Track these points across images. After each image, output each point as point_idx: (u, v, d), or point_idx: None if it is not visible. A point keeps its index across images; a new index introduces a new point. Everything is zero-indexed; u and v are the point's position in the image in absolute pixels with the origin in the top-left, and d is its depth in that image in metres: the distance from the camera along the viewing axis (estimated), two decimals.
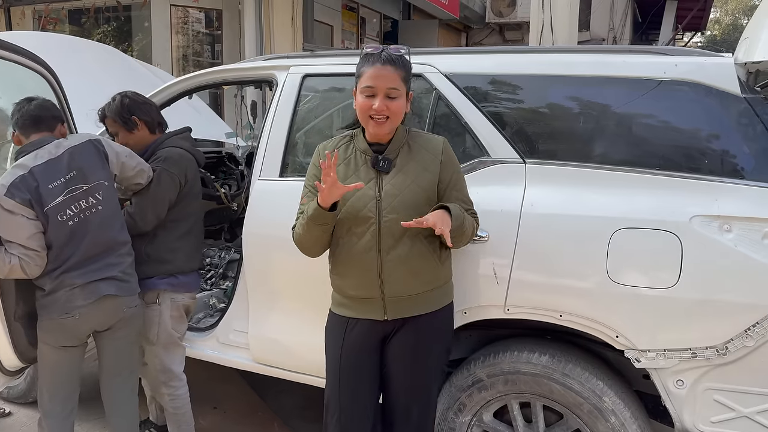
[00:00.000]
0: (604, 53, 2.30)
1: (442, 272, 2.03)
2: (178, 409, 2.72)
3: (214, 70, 3.07)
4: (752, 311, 1.92)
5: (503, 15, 13.01)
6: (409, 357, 2.03)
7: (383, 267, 1.92)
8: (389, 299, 1.95)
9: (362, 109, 1.91)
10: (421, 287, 1.97)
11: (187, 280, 2.69)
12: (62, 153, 2.33)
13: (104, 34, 9.03)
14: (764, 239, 1.93)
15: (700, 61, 2.14)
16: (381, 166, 1.94)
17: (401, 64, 1.91)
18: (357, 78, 1.93)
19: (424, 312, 1.99)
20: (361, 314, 2.00)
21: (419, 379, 2.07)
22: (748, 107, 2.04)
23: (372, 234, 1.92)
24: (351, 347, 2.03)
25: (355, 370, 2.04)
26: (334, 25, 10.29)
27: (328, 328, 2.11)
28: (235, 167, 4.16)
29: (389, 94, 1.87)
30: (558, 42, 4.97)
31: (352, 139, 2.03)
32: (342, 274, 2.01)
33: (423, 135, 2.05)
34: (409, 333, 2.00)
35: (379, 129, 1.91)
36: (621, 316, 2.03)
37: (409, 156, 1.97)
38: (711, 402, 2.03)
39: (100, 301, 2.32)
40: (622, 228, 2.03)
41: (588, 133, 2.20)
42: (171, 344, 2.69)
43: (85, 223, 2.32)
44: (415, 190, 1.93)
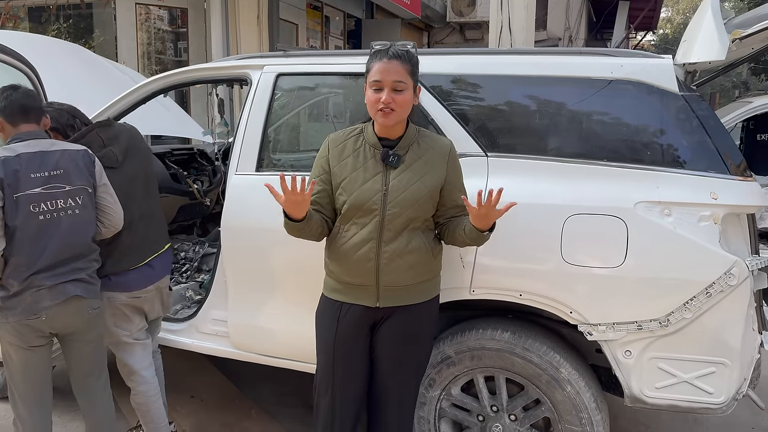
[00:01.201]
0: (557, 55, 2.50)
1: (434, 266, 2.15)
2: (139, 405, 2.75)
3: (189, 69, 3.18)
4: (690, 286, 2.15)
5: (463, 15, 13.28)
6: (397, 344, 2.14)
7: (380, 258, 2.02)
8: (383, 288, 2.05)
9: (371, 103, 1.98)
10: (413, 279, 2.08)
11: (121, 280, 2.62)
12: (55, 150, 2.36)
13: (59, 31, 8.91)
14: (700, 222, 2.16)
15: (643, 62, 2.36)
16: (390, 161, 2.01)
17: (407, 58, 1.99)
18: (366, 73, 2.02)
19: (414, 302, 2.11)
20: (354, 299, 2.09)
21: (404, 366, 2.19)
22: (685, 104, 2.27)
23: (374, 225, 2.01)
24: (344, 330, 2.12)
25: (348, 353, 2.13)
26: (299, 23, 10.38)
27: (321, 311, 2.20)
28: (207, 164, 4.26)
29: (396, 87, 1.95)
30: (516, 42, 5.21)
31: (361, 132, 2.10)
32: (340, 261, 2.08)
33: (432, 135, 2.15)
34: (398, 321, 2.11)
35: (386, 120, 1.97)
36: (574, 293, 2.25)
37: (417, 154, 2.05)
38: (655, 370, 2.25)
39: (67, 302, 2.32)
40: (574, 214, 2.23)
41: (543, 129, 2.40)
42: (117, 342, 2.70)
43: (57, 222, 2.31)
44: (420, 187, 2.02)
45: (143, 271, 2.67)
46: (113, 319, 2.65)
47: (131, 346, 2.72)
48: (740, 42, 2.32)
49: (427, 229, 2.10)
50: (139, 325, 2.75)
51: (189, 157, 4.28)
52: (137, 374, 2.73)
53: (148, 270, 2.68)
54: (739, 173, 2.22)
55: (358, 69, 2.71)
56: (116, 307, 2.64)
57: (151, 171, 2.79)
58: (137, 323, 2.73)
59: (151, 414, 2.76)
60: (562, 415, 2.33)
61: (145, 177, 2.73)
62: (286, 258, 2.65)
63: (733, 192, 2.18)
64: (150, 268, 2.69)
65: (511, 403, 2.44)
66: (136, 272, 2.65)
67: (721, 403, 2.23)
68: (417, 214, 2.00)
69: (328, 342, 2.15)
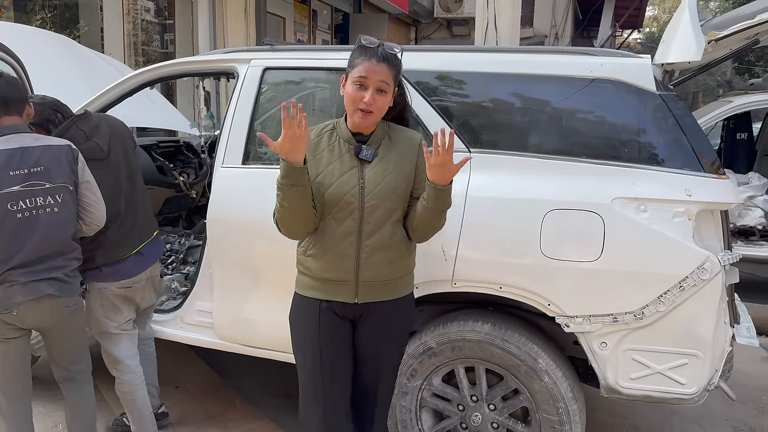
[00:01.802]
0: (539, 53, 2.56)
1: (410, 261, 2.15)
2: (125, 395, 2.77)
3: (175, 62, 3.20)
4: (664, 280, 2.22)
5: (451, 11, 13.34)
6: (378, 340, 2.12)
7: (361, 252, 1.99)
8: (362, 283, 2.02)
9: (352, 99, 1.95)
10: (392, 274, 2.06)
11: (111, 270, 2.64)
12: (37, 146, 2.32)
13: (44, 21, 8.83)
14: (674, 218, 2.23)
15: (622, 61, 2.42)
16: (365, 155, 2.00)
17: (395, 63, 1.98)
18: (350, 67, 1.97)
19: (392, 298, 2.09)
20: (332, 296, 2.05)
21: (385, 362, 2.18)
22: (662, 103, 2.33)
23: (353, 219, 1.98)
24: (327, 328, 2.07)
25: (334, 351, 2.08)
26: (287, 17, 10.35)
27: (297, 311, 2.14)
28: (193, 156, 4.28)
29: (380, 87, 1.93)
30: (501, 39, 5.26)
31: (335, 128, 2.08)
32: (317, 257, 2.03)
33: (402, 129, 2.13)
34: (377, 317, 2.08)
35: (363, 121, 1.96)
36: (552, 286, 2.31)
37: (390, 146, 2.05)
38: (630, 361, 2.32)
39: (40, 300, 2.30)
40: (553, 209, 2.29)
41: (525, 126, 2.46)
42: (103, 332, 2.71)
43: (35, 220, 2.29)
44: (395, 177, 2.01)
45: (135, 260, 2.69)
46: (102, 309, 2.67)
47: (118, 336, 2.74)
48: (716, 43, 2.38)
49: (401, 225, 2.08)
50: (128, 317, 2.77)
51: (175, 150, 4.29)
52: (122, 363, 2.75)
53: (139, 258, 2.71)
54: (713, 171, 2.28)
55: (344, 64, 2.75)
56: (106, 298, 2.66)
57: (133, 157, 2.78)
58: (126, 314, 2.75)
59: (136, 403, 2.79)
60: (540, 405, 2.40)
61: (128, 165, 2.73)
62: (270, 250, 2.68)
63: (707, 189, 2.25)
64: (141, 256, 2.72)
65: (490, 393, 2.50)
66: (128, 261, 2.67)
67: (692, 393, 2.31)
68: (396, 204, 2.01)
69: (312, 341, 2.08)
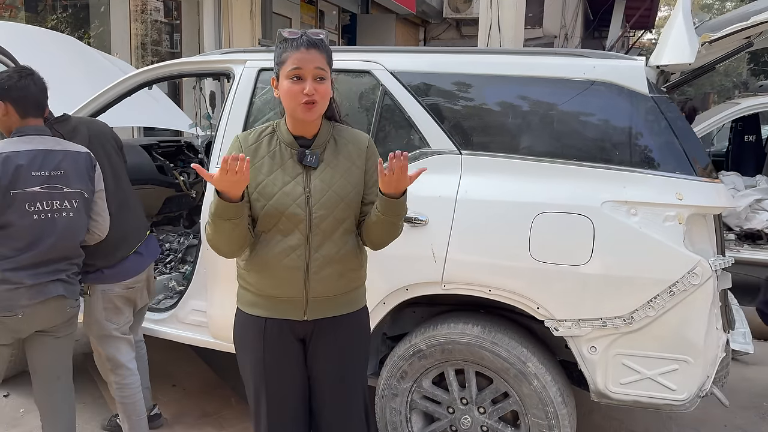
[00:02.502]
0: (532, 55, 2.54)
1: (362, 273, 2.00)
2: (126, 398, 2.77)
3: (173, 63, 3.21)
4: (654, 285, 2.20)
5: (460, 11, 13.31)
6: (333, 358, 1.96)
7: (310, 266, 1.84)
8: (312, 299, 1.87)
9: (290, 95, 1.77)
10: (343, 288, 1.92)
11: (114, 272, 2.64)
12: (59, 150, 2.36)
13: (59, 20, 8.92)
14: (665, 222, 2.21)
15: (615, 63, 2.41)
16: (309, 161, 1.83)
17: (323, 47, 1.82)
18: (279, 65, 1.81)
19: (343, 313, 1.94)
20: (278, 314, 1.89)
21: (347, 382, 2.00)
22: (654, 105, 2.32)
23: (301, 231, 1.83)
24: (274, 350, 1.91)
25: (282, 372, 1.93)
26: (293, 18, 10.39)
27: (241, 330, 1.97)
28: (194, 156, 4.30)
29: (318, 75, 1.78)
30: (505, 40, 5.24)
31: (274, 131, 1.90)
32: (262, 272, 1.87)
33: (347, 129, 1.97)
34: (329, 334, 1.93)
35: (308, 115, 1.78)
36: (541, 290, 2.29)
37: (335, 150, 1.90)
38: (620, 366, 2.30)
39: (46, 301, 2.30)
40: (543, 212, 2.28)
41: (516, 128, 2.45)
42: (105, 335, 2.71)
43: (51, 223, 2.29)
44: (344, 184, 1.86)
45: (134, 260, 2.71)
46: (105, 312, 2.68)
47: (119, 340, 2.75)
48: (710, 45, 2.36)
49: (356, 233, 1.94)
50: (128, 319, 2.78)
51: (176, 149, 4.32)
52: (124, 367, 2.76)
53: (138, 258, 2.73)
54: (705, 174, 2.26)
55: (339, 66, 2.75)
56: (109, 300, 2.66)
57: (116, 159, 2.76)
58: (126, 316, 2.77)
59: (136, 406, 2.79)
60: (529, 409, 2.39)
61: (112, 167, 2.71)
62: None
63: (699, 193, 2.23)
64: (140, 255, 2.74)
65: (480, 396, 2.49)
66: (128, 261, 2.68)
67: (683, 399, 2.28)
68: (346, 213, 1.86)
69: (256, 364, 1.92)
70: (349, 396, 2.00)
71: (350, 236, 1.90)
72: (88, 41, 8.22)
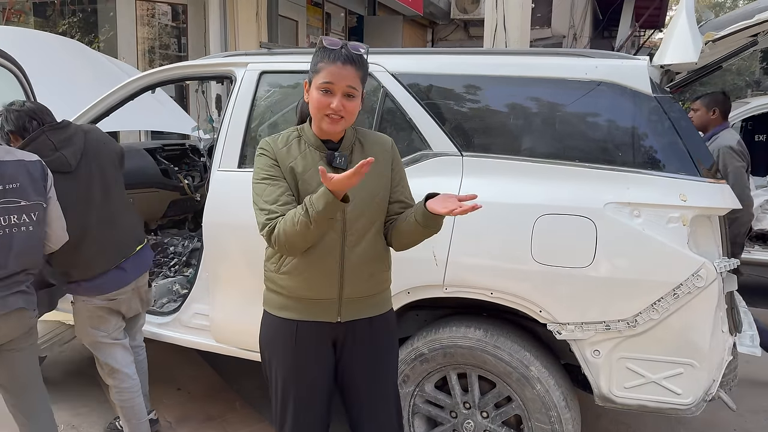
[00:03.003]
0: (533, 56, 2.52)
1: (388, 275, 2.02)
2: (124, 402, 2.76)
3: (175, 66, 3.21)
4: (658, 287, 2.16)
5: (468, 12, 13.26)
6: (368, 359, 1.97)
7: (345, 266, 1.86)
8: (345, 300, 1.89)
9: (318, 106, 1.79)
10: (373, 289, 1.94)
11: (91, 285, 2.60)
12: (10, 161, 2.25)
13: (70, 25, 9.00)
14: (668, 224, 2.18)
15: (617, 63, 2.37)
16: (339, 163, 1.86)
17: (361, 64, 1.83)
18: (313, 72, 1.82)
19: (375, 314, 1.96)
20: (311, 316, 1.89)
21: (380, 380, 2.02)
22: (657, 105, 2.28)
23: (335, 232, 1.84)
24: (305, 353, 1.91)
25: (310, 374, 1.93)
26: (299, 20, 10.40)
27: (270, 334, 1.96)
28: (198, 159, 4.31)
29: (348, 92, 1.79)
30: (511, 41, 5.21)
31: (300, 135, 1.92)
32: (296, 275, 1.87)
33: (371, 132, 2.01)
34: (362, 335, 1.95)
35: (333, 127, 1.81)
36: (543, 292, 2.27)
37: (362, 152, 1.93)
38: (624, 369, 2.27)
39: (8, 314, 2.23)
40: (545, 214, 2.25)
41: (518, 129, 2.42)
42: (96, 343, 2.70)
43: (10, 238, 2.20)
44: (374, 184, 1.89)
45: (114, 275, 2.64)
46: (89, 321, 2.67)
47: (110, 346, 2.74)
48: (714, 44, 2.32)
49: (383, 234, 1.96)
50: (117, 325, 2.76)
51: (181, 153, 4.33)
52: (120, 372, 2.75)
53: (119, 273, 2.66)
54: (709, 175, 2.23)
55: None
56: (91, 310, 2.65)
57: (111, 171, 2.70)
58: (114, 323, 2.74)
59: (135, 410, 2.79)
60: (532, 413, 2.36)
61: (104, 180, 2.65)
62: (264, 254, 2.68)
63: (703, 194, 2.19)
64: (122, 271, 2.67)
65: (483, 400, 2.47)
66: (107, 276, 2.62)
67: (689, 404, 2.25)
68: (377, 213, 1.89)
69: (286, 368, 1.92)
70: (385, 396, 2.03)
71: (381, 237, 1.93)
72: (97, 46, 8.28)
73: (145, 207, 3.95)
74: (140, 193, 3.85)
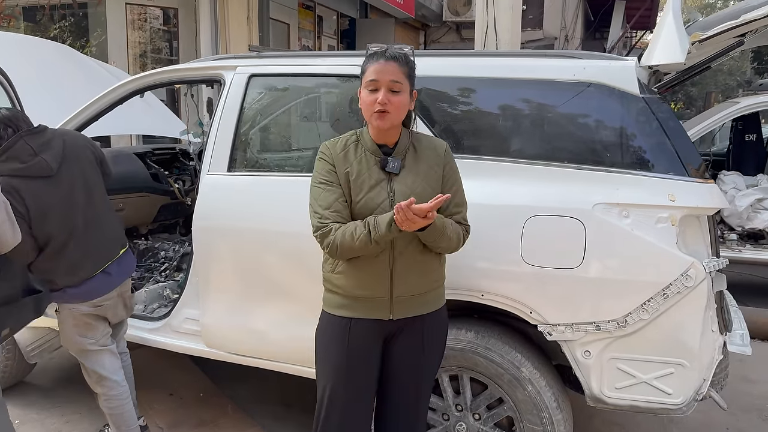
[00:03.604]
0: (521, 57, 2.52)
1: (442, 272, 2.09)
2: (113, 410, 2.74)
3: (165, 70, 3.20)
4: (647, 287, 2.16)
5: (460, 14, 13.29)
6: (415, 357, 2.05)
7: (395, 267, 1.94)
8: (396, 299, 1.96)
9: (367, 104, 1.90)
10: (426, 287, 2.01)
11: (78, 291, 2.58)
12: None
13: (61, 30, 8.97)
14: (657, 224, 2.18)
15: (605, 64, 2.38)
16: (392, 167, 1.94)
17: (404, 61, 1.92)
18: (361, 75, 1.94)
19: (427, 312, 2.03)
20: (365, 314, 1.98)
21: (424, 377, 2.11)
22: (645, 106, 2.29)
23: None
24: (356, 348, 1.99)
25: (361, 371, 2.01)
26: (291, 23, 10.39)
27: (325, 330, 2.05)
28: (189, 163, 4.29)
29: (392, 87, 1.87)
30: (501, 43, 5.22)
31: (358, 139, 2.01)
32: (349, 275, 1.96)
33: (426, 137, 2.09)
34: (413, 333, 2.03)
35: (381, 122, 1.89)
36: (534, 294, 2.26)
37: (416, 156, 1.99)
38: (615, 370, 2.27)
39: None
40: (534, 215, 2.25)
41: (507, 131, 2.42)
42: (83, 351, 2.69)
43: None
44: (425, 188, 1.95)
45: (100, 279, 2.62)
46: (76, 329, 2.65)
47: (98, 353, 2.72)
48: (701, 45, 2.33)
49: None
50: (104, 332, 2.74)
51: (171, 157, 4.31)
52: (108, 380, 2.73)
53: (105, 277, 2.64)
54: (698, 175, 2.23)
55: (330, 70, 2.74)
56: (77, 317, 2.63)
57: (92, 174, 2.67)
58: (102, 330, 2.72)
59: (125, 417, 2.76)
60: (524, 414, 2.36)
61: (86, 183, 2.62)
62: (254, 258, 2.67)
63: (692, 194, 2.20)
64: (107, 275, 2.65)
65: (474, 402, 2.46)
66: (93, 281, 2.60)
67: (679, 403, 2.25)
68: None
69: (338, 361, 2.00)
70: (423, 394, 2.14)
71: None
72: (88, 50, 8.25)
73: (136, 211, 3.93)
74: (130, 197, 3.83)
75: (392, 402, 2.11)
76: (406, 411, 2.12)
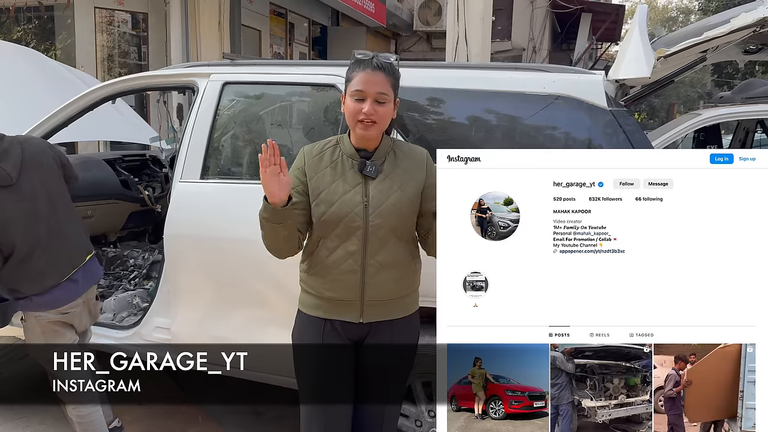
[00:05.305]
0: (493, 70, 2.58)
1: (415, 279, 2.09)
2: (82, 419, 2.69)
3: (138, 77, 3.18)
4: None
5: (430, 24, 13.43)
6: (384, 360, 2.06)
7: (366, 271, 1.94)
8: (367, 303, 1.97)
9: (351, 113, 1.90)
10: (398, 292, 2.02)
11: (44, 299, 2.53)
12: None
13: (25, 32, 8.80)
14: None
15: (574, 78, 2.45)
16: (369, 171, 1.94)
17: (391, 71, 1.92)
18: (347, 82, 1.94)
19: (398, 317, 2.04)
20: (336, 315, 2.00)
21: (392, 382, 2.12)
22: (612, 119, 2.36)
23: (358, 238, 1.93)
24: (331, 348, 2.02)
25: (335, 371, 2.04)
26: (262, 30, 10.38)
27: (301, 329, 2.07)
28: (159, 170, 4.26)
29: (378, 98, 1.88)
30: (472, 54, 5.30)
31: (337, 144, 2.01)
32: (321, 276, 1.99)
33: (407, 145, 2.09)
34: (384, 337, 2.03)
35: (366, 132, 1.90)
36: None
37: (395, 163, 1.99)
38: None
39: None
40: None
41: (479, 142, 2.47)
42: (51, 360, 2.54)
43: None
44: (400, 195, 1.95)
45: (67, 287, 2.57)
46: (44, 336, 2.59)
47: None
48: (666, 60, 2.42)
49: (411, 241, 2.04)
50: (71, 339, 2.69)
51: (141, 164, 4.26)
52: None
53: (71, 285, 2.59)
54: None
55: (303, 79, 2.76)
56: (46, 325, 2.58)
57: (54, 181, 2.59)
58: (69, 337, 2.67)
59: (94, 425, 2.71)
60: None
61: (47, 191, 2.54)
62: (227, 267, 2.67)
63: None
64: (74, 283, 2.59)
65: None
66: (60, 289, 2.55)
67: None
68: (400, 223, 1.95)
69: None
70: (392, 398, 2.13)
71: (405, 244, 2.00)
72: (54, 54, 8.11)
73: (105, 219, 3.88)
74: (99, 204, 3.78)
75: (361, 406, 2.10)
76: (373, 416, 2.11)
